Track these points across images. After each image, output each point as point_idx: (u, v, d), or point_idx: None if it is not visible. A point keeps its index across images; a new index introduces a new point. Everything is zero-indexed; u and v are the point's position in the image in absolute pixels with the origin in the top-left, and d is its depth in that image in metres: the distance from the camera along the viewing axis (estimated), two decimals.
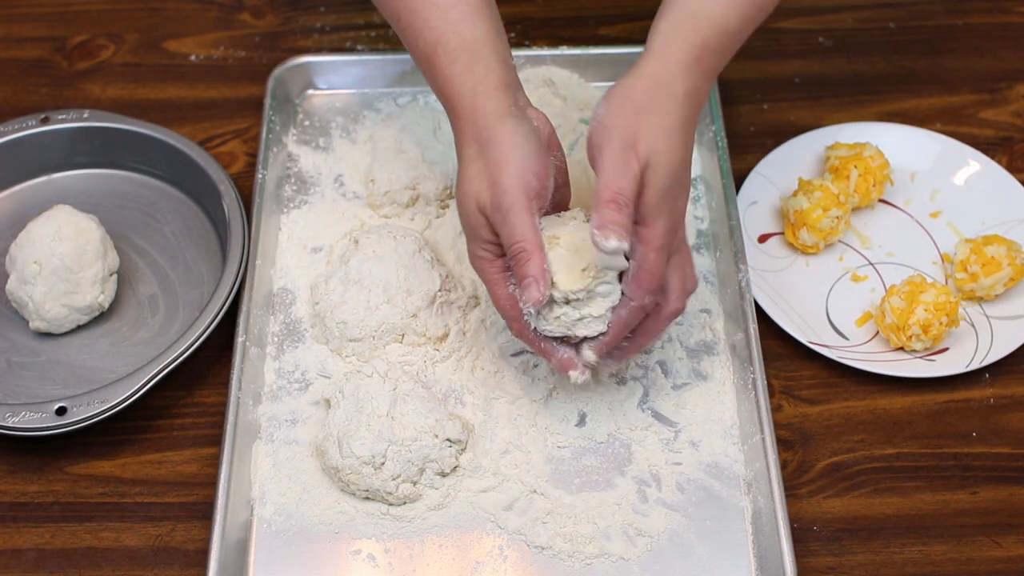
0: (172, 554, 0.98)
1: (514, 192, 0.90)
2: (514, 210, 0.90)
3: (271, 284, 1.11)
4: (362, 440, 0.96)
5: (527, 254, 0.90)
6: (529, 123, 0.94)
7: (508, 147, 0.91)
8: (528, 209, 0.90)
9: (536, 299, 0.90)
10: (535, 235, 0.90)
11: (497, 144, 0.92)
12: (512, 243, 0.90)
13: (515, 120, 0.93)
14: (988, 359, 1.06)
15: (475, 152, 0.93)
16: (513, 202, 0.90)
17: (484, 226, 0.93)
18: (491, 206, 0.91)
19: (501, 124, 0.92)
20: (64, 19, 1.36)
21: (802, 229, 1.13)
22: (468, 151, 0.94)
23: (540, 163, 0.92)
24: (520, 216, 0.90)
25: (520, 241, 0.90)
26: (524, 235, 0.90)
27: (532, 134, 0.93)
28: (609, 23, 1.33)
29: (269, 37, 1.34)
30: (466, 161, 0.94)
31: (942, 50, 1.32)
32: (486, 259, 0.94)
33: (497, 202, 0.91)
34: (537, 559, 0.96)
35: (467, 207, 0.93)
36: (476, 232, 0.94)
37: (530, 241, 0.90)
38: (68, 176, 1.20)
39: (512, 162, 0.91)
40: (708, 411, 1.03)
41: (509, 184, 0.90)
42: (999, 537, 0.99)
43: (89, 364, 1.07)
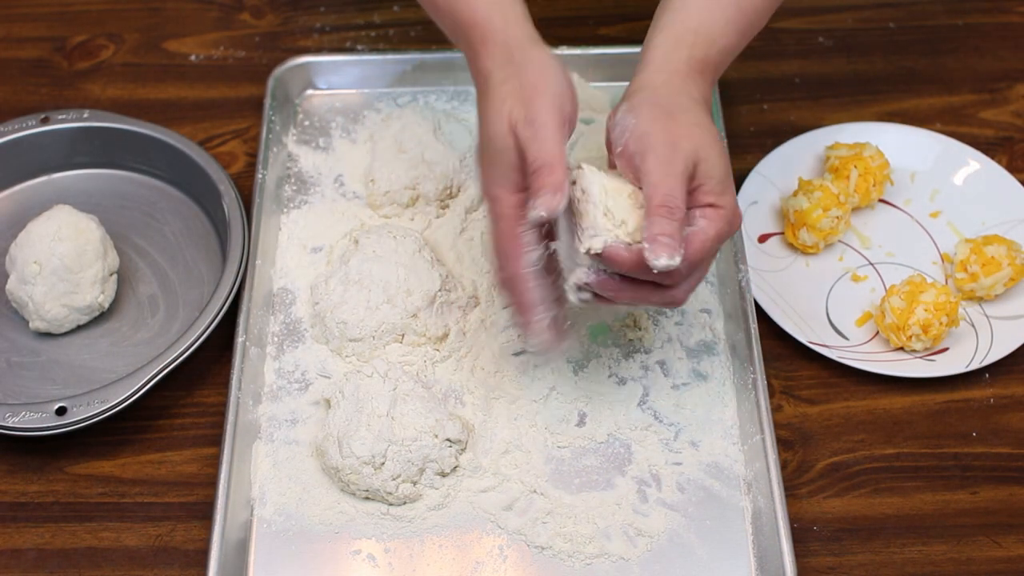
0: (172, 554, 0.98)
1: (548, 111, 0.89)
2: (547, 127, 0.88)
3: (271, 284, 1.11)
4: (362, 440, 0.96)
5: (550, 168, 0.87)
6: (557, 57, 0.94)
7: (545, 68, 0.91)
8: (560, 128, 0.89)
9: (552, 207, 0.86)
10: (562, 154, 0.88)
11: (533, 63, 0.91)
12: (538, 157, 0.88)
13: (548, 49, 0.93)
14: (988, 359, 1.06)
15: (509, 73, 0.92)
16: (547, 119, 0.88)
17: (511, 148, 0.90)
18: (524, 121, 0.89)
19: (536, 48, 0.93)
20: (64, 19, 1.36)
21: (802, 229, 1.13)
22: (500, 73, 0.93)
23: (572, 91, 0.92)
24: (552, 134, 0.88)
25: (548, 154, 0.88)
26: (553, 151, 0.88)
27: (562, 65, 0.93)
28: (609, 23, 1.33)
29: (269, 37, 1.34)
30: (497, 83, 0.92)
31: (942, 50, 1.32)
32: (503, 189, 0.92)
33: (531, 117, 0.89)
34: (537, 559, 0.96)
35: (497, 127, 0.91)
36: (501, 156, 0.91)
37: (557, 158, 0.87)
38: (68, 176, 1.20)
39: (548, 83, 0.90)
40: (708, 411, 1.03)
41: (544, 103, 0.89)
42: (999, 537, 0.99)
43: (89, 364, 1.07)
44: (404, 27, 1.33)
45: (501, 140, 0.91)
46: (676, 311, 1.08)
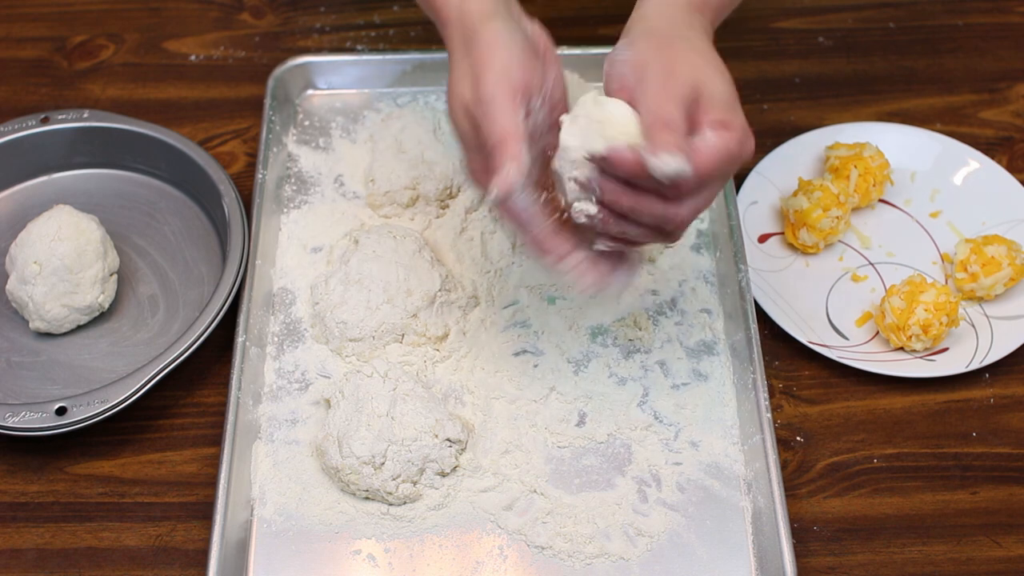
0: (172, 554, 0.98)
1: (496, 86, 0.87)
2: (495, 102, 0.86)
3: (271, 284, 1.11)
4: (362, 440, 0.96)
5: (501, 145, 0.85)
6: (517, 26, 0.91)
7: (492, 45, 0.89)
8: (511, 101, 0.87)
9: (503, 184, 0.84)
10: (516, 127, 0.85)
11: (481, 42, 0.89)
12: (491, 136, 0.86)
13: (502, 21, 0.90)
14: (988, 359, 1.06)
15: (461, 54, 0.91)
16: (495, 94, 0.87)
17: (470, 129, 0.90)
18: (474, 101, 0.88)
19: (486, 23, 0.90)
20: (64, 19, 1.36)
21: (802, 229, 1.13)
22: (455, 55, 0.92)
23: (526, 62, 0.89)
24: (501, 108, 0.86)
25: (500, 132, 0.86)
26: (504, 126, 0.85)
27: (519, 35, 0.90)
28: (609, 23, 1.33)
29: (269, 37, 1.34)
30: (453, 65, 0.92)
31: (942, 50, 1.32)
32: (479, 170, 0.91)
33: (479, 95, 0.87)
34: (537, 559, 0.96)
35: (455, 111, 0.91)
36: (466, 139, 0.91)
37: (510, 131, 0.85)
38: (68, 176, 1.20)
39: (496, 58, 0.88)
40: (708, 411, 1.03)
41: (491, 78, 0.87)
42: (999, 537, 0.99)
43: (89, 364, 1.07)
44: (404, 27, 1.33)
45: (461, 123, 0.90)
46: (676, 311, 1.08)
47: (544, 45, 0.93)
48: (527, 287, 1.10)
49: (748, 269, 1.07)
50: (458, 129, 0.92)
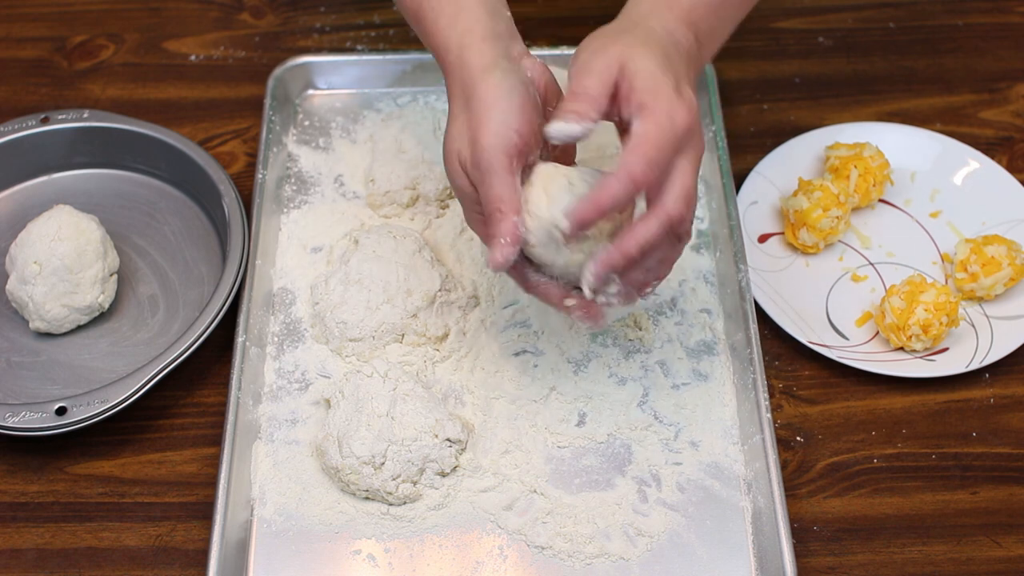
0: (172, 554, 0.98)
1: (492, 150, 0.87)
2: (492, 170, 0.87)
3: (271, 284, 1.11)
4: (362, 440, 0.96)
5: (501, 215, 0.87)
6: (518, 75, 0.91)
7: (489, 103, 0.88)
8: (507, 168, 0.87)
9: (498, 262, 0.87)
10: (511, 195, 0.87)
11: (478, 99, 0.89)
12: (488, 203, 0.88)
13: (501, 73, 0.90)
14: (988, 359, 1.06)
15: (459, 107, 0.91)
16: (491, 162, 0.87)
17: (468, 185, 0.91)
18: (471, 165, 0.89)
19: (485, 78, 0.90)
20: (64, 19, 1.36)
21: (802, 229, 1.13)
22: (454, 107, 0.92)
23: (524, 118, 0.89)
24: (498, 176, 0.87)
25: (495, 202, 0.87)
26: (500, 196, 0.87)
27: (519, 87, 0.90)
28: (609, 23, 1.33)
29: (269, 37, 1.34)
30: (452, 117, 0.92)
31: (942, 50, 1.32)
32: (478, 220, 0.92)
33: (476, 160, 0.88)
34: (537, 559, 0.96)
35: (451, 166, 0.91)
36: (463, 192, 0.92)
37: (506, 202, 0.87)
38: (68, 176, 1.20)
39: (492, 119, 0.88)
40: (708, 411, 1.03)
41: (488, 142, 0.87)
42: (999, 537, 0.99)
43: (89, 364, 1.07)
44: (404, 27, 1.33)
45: (458, 179, 0.92)
46: (676, 311, 1.08)
47: (545, 85, 0.93)
48: None
49: (748, 269, 1.07)
50: (454, 183, 0.92)
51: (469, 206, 0.93)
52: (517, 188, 0.88)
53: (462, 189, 0.92)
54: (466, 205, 0.93)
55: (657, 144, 0.84)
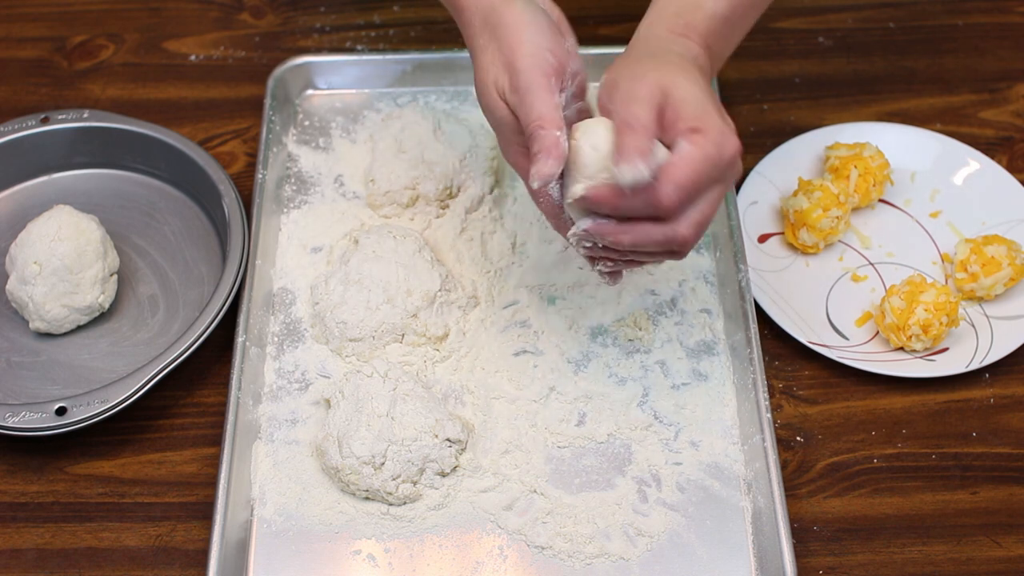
0: (172, 554, 0.98)
1: (531, 71, 0.88)
2: (531, 89, 0.87)
3: (271, 284, 1.11)
4: (362, 440, 0.96)
5: (544, 131, 0.86)
6: (536, 4, 0.92)
7: (519, 27, 0.89)
8: (547, 87, 0.87)
9: (544, 173, 0.85)
10: (553, 113, 0.87)
11: (507, 25, 0.90)
12: (528, 122, 0.87)
13: (522, 2, 0.91)
14: (988, 359, 1.06)
15: (487, 39, 0.91)
16: (530, 81, 0.87)
17: (507, 114, 0.90)
18: (509, 89, 0.89)
19: (508, 6, 0.90)
20: (64, 19, 1.36)
21: (802, 229, 1.13)
22: (479, 40, 0.92)
23: (555, 39, 0.90)
24: (538, 95, 0.87)
25: (536, 120, 0.87)
26: (542, 113, 0.86)
27: (542, 13, 0.91)
28: (609, 23, 1.33)
29: (269, 37, 1.34)
30: (479, 51, 0.92)
31: (942, 50, 1.32)
32: (518, 153, 0.92)
33: (515, 83, 0.88)
34: (537, 559, 0.96)
35: (488, 98, 0.91)
36: (502, 124, 0.91)
37: (547, 119, 0.86)
38: (68, 176, 1.20)
39: (525, 41, 0.89)
40: (708, 411, 1.03)
41: (524, 64, 0.88)
42: (999, 537, 0.99)
43: (89, 364, 1.07)
44: (404, 27, 1.33)
45: (497, 111, 0.91)
46: (676, 311, 1.08)
47: (558, 18, 0.94)
48: (527, 287, 1.10)
49: (748, 269, 1.07)
50: (493, 115, 0.92)
51: (508, 137, 0.92)
52: (558, 106, 0.87)
53: (501, 119, 0.91)
54: (505, 136, 0.92)
55: (697, 172, 0.83)
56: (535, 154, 0.86)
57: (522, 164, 0.92)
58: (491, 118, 0.93)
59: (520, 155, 0.92)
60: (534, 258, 1.12)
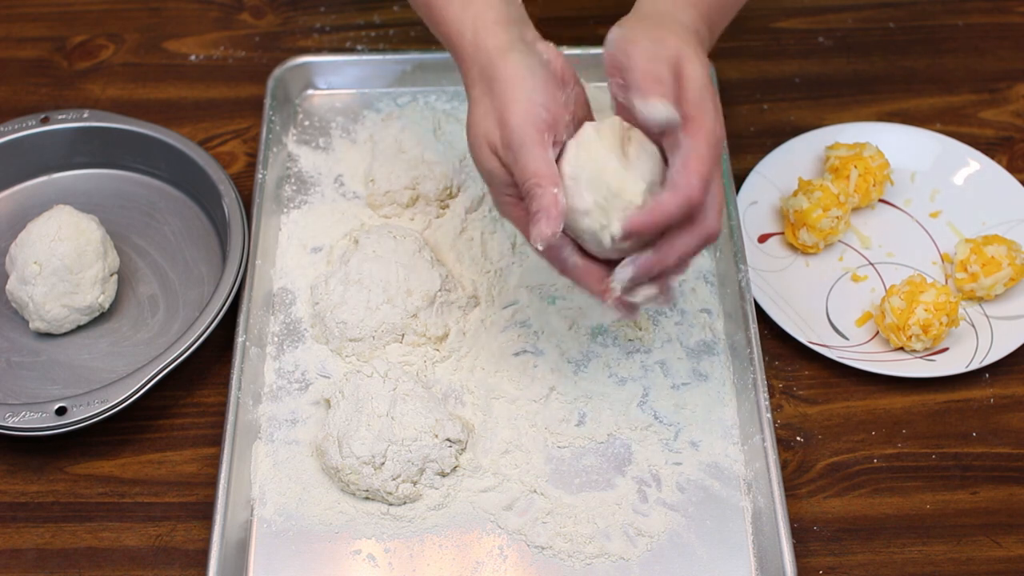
0: (172, 554, 0.98)
1: (523, 128, 0.87)
2: (524, 147, 0.87)
3: (271, 284, 1.11)
4: (362, 440, 0.96)
5: (541, 189, 0.86)
6: (536, 56, 0.91)
7: (513, 82, 0.89)
8: (540, 143, 0.87)
9: (545, 234, 0.86)
10: (548, 169, 0.86)
11: (501, 80, 0.89)
12: (524, 180, 0.87)
13: (519, 53, 0.90)
14: (988, 359, 1.06)
15: (481, 91, 0.91)
16: (523, 139, 0.87)
17: (499, 168, 0.90)
18: (502, 145, 0.88)
19: (504, 59, 0.90)
20: (64, 19, 1.36)
21: (802, 229, 1.13)
22: (474, 91, 0.92)
23: (549, 94, 0.89)
24: (531, 152, 0.87)
25: (532, 178, 0.86)
26: (536, 170, 0.86)
27: (539, 66, 0.90)
28: (609, 23, 1.32)
29: (269, 37, 1.34)
30: (473, 102, 0.92)
31: (942, 50, 1.32)
32: (511, 205, 0.92)
33: (507, 140, 0.88)
34: (537, 559, 0.96)
35: (479, 151, 0.91)
36: (493, 177, 0.91)
37: (542, 176, 0.86)
38: (68, 176, 1.20)
39: (518, 98, 0.88)
40: (708, 411, 1.03)
41: (517, 121, 0.87)
42: (999, 537, 0.99)
43: (89, 364, 1.07)
44: (404, 27, 1.33)
45: (488, 163, 0.91)
46: (676, 311, 1.09)
47: (561, 67, 0.93)
48: (527, 287, 1.10)
49: (748, 269, 1.07)
50: (483, 167, 0.92)
51: (500, 190, 0.92)
52: (551, 162, 0.87)
53: (492, 173, 0.91)
54: (496, 189, 0.92)
55: (707, 162, 0.85)
56: (534, 213, 0.86)
57: (516, 215, 0.92)
58: (482, 170, 0.92)
59: (512, 206, 0.92)
60: (534, 258, 1.11)
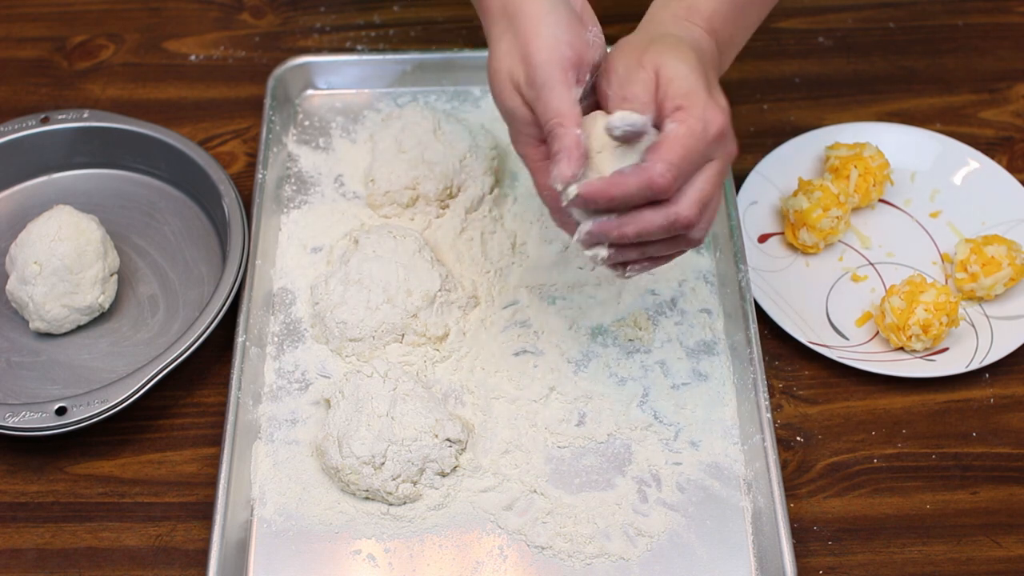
0: (172, 554, 0.98)
1: (548, 65, 0.86)
2: (548, 85, 0.86)
3: (271, 284, 1.11)
4: (362, 440, 0.96)
5: (563, 129, 0.84)
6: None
7: (538, 17, 0.87)
8: (564, 82, 0.86)
9: (565, 176, 0.84)
10: (572, 109, 0.85)
11: (526, 15, 0.87)
12: (547, 119, 0.86)
13: None
14: (988, 359, 1.06)
15: (503, 28, 0.89)
16: (547, 76, 0.86)
17: (521, 106, 0.89)
18: (525, 83, 0.87)
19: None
20: (64, 19, 1.36)
21: (802, 229, 1.13)
22: (496, 28, 0.90)
23: (574, 31, 0.88)
24: (555, 91, 0.85)
25: (555, 117, 0.85)
26: (559, 109, 0.85)
27: (561, 4, 0.89)
28: (609, 23, 1.32)
29: (269, 37, 1.34)
30: (495, 39, 0.90)
31: (942, 50, 1.32)
32: (527, 145, 0.90)
33: (531, 78, 0.86)
34: (537, 559, 0.96)
35: (501, 87, 0.89)
36: (514, 114, 0.90)
37: (566, 115, 0.85)
38: (68, 176, 1.20)
39: (543, 33, 0.87)
40: (708, 411, 1.03)
41: (542, 57, 0.86)
42: (999, 537, 0.99)
43: (89, 364, 1.07)
44: (404, 27, 1.33)
45: (509, 101, 0.89)
46: (676, 311, 1.08)
47: (581, 6, 0.92)
48: (527, 287, 1.10)
49: (748, 269, 1.07)
50: (504, 105, 0.90)
51: (521, 129, 0.90)
52: (576, 102, 0.86)
53: (513, 111, 0.89)
54: (517, 128, 0.91)
55: (685, 147, 0.83)
56: (555, 153, 0.85)
57: (531, 154, 0.90)
58: (503, 108, 0.91)
59: (530, 145, 0.90)
60: (534, 258, 1.12)
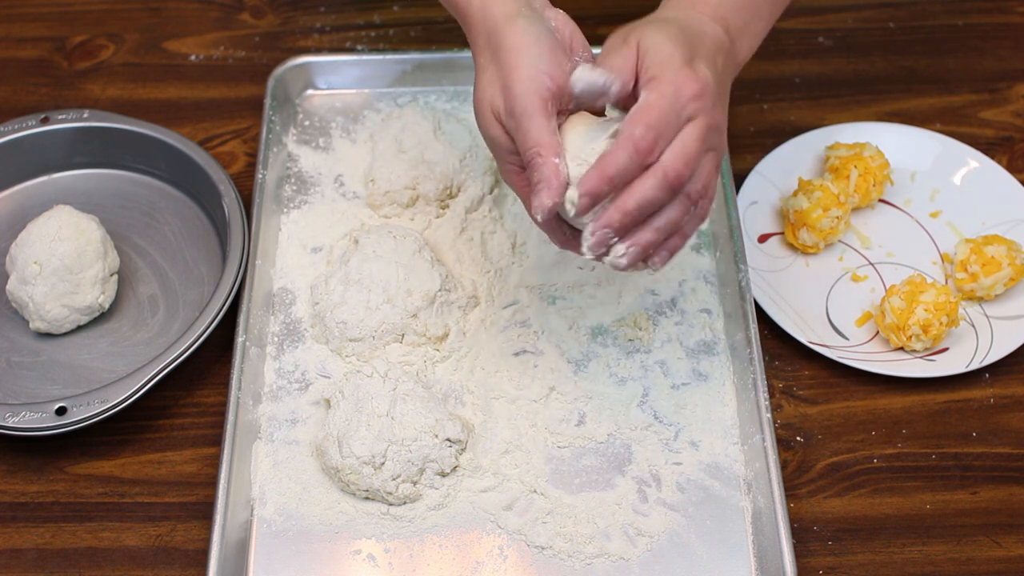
0: (172, 554, 0.98)
1: (526, 96, 0.87)
2: (527, 115, 0.87)
3: (271, 284, 1.11)
4: (362, 440, 0.96)
5: (541, 159, 0.86)
6: (543, 23, 0.91)
7: (518, 49, 0.88)
8: (543, 112, 0.87)
9: (546, 205, 0.86)
10: (550, 139, 0.86)
11: (507, 47, 0.89)
12: (526, 149, 0.87)
13: (526, 20, 0.90)
14: (988, 359, 1.06)
15: (487, 58, 0.91)
16: (526, 107, 0.87)
17: (503, 135, 0.90)
18: (505, 113, 0.88)
19: (511, 25, 0.89)
20: (64, 19, 1.36)
21: (802, 229, 1.13)
22: (481, 59, 0.92)
23: (554, 62, 0.89)
24: (533, 121, 0.87)
25: (533, 147, 0.86)
26: (538, 140, 0.86)
27: (546, 34, 0.90)
28: (609, 23, 1.32)
29: (269, 37, 1.34)
30: (480, 69, 0.92)
31: (942, 50, 1.32)
32: (513, 172, 0.91)
33: (510, 108, 0.88)
34: (537, 559, 0.96)
35: (484, 117, 0.91)
36: (497, 142, 0.91)
37: (544, 145, 0.86)
38: (68, 176, 1.20)
39: (523, 65, 0.88)
40: (708, 411, 1.03)
41: (521, 88, 0.87)
42: (999, 537, 0.99)
43: (89, 364, 1.07)
44: (404, 27, 1.33)
45: (491, 130, 0.90)
46: (676, 311, 1.09)
47: (570, 35, 0.93)
48: (527, 287, 1.10)
49: (748, 269, 1.07)
50: (488, 134, 0.92)
51: (504, 157, 0.91)
52: (554, 131, 0.87)
53: (496, 140, 0.91)
54: (501, 157, 0.92)
55: (659, 110, 0.84)
56: (535, 184, 0.86)
57: (518, 184, 0.92)
58: (486, 136, 0.92)
59: (515, 174, 0.91)
60: (534, 258, 1.12)
